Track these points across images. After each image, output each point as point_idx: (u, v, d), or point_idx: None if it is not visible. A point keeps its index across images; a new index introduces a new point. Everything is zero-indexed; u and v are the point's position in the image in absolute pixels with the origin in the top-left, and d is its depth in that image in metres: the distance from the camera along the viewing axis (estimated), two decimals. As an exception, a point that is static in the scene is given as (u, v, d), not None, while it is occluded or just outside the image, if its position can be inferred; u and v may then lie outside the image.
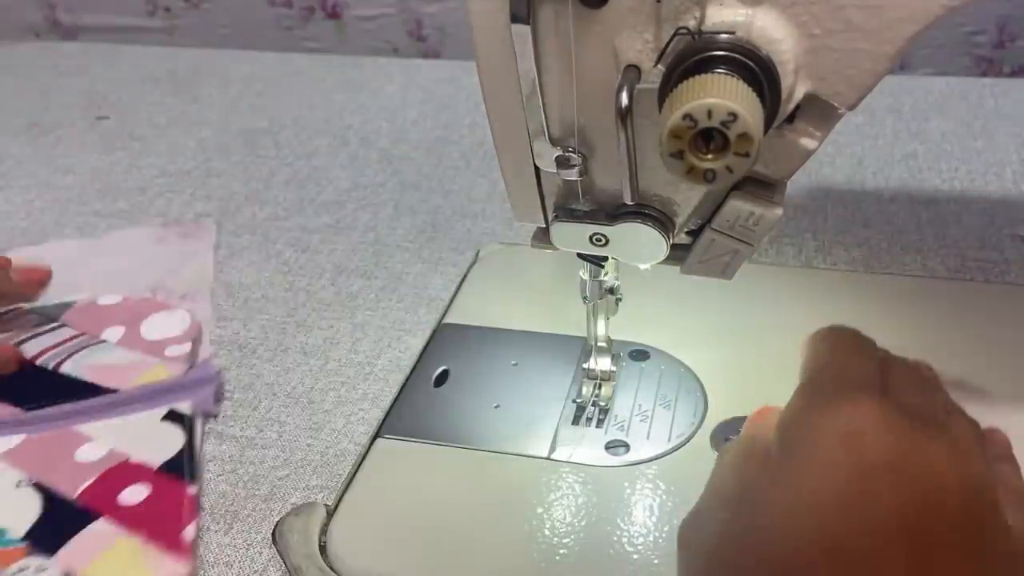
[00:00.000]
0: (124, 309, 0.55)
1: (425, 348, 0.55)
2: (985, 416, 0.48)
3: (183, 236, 0.64)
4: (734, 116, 0.29)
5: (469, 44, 0.35)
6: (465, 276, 0.61)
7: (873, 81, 0.32)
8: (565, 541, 0.42)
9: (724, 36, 0.31)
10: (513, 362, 0.53)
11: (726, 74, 0.30)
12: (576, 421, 0.49)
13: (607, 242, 0.41)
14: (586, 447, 0.47)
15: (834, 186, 0.70)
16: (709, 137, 0.30)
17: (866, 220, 0.65)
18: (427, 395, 0.52)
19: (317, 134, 0.83)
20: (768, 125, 0.32)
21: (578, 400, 0.50)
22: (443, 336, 0.56)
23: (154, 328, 0.53)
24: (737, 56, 0.31)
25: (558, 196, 0.40)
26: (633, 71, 0.33)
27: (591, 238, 0.41)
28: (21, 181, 0.77)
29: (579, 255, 0.43)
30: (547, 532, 0.43)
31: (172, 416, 0.47)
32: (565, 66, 0.35)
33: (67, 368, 0.51)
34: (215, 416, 0.49)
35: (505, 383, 0.52)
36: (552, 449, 0.47)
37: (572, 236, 0.41)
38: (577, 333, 0.53)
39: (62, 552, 0.41)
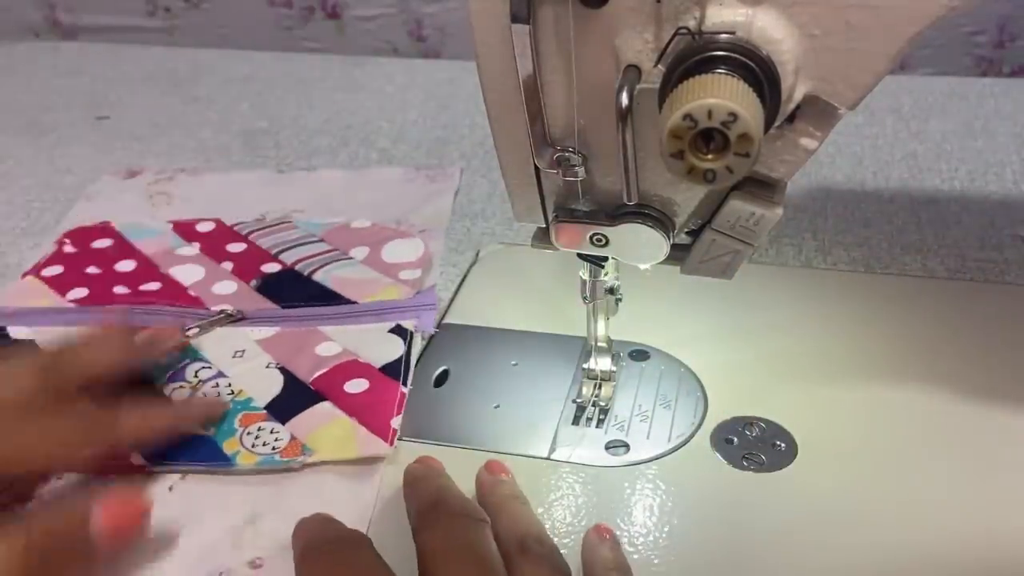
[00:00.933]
0: (371, 233, 0.65)
1: (425, 348, 0.55)
2: (986, 416, 0.48)
3: (430, 179, 0.73)
4: (734, 116, 0.29)
5: (469, 44, 0.35)
6: (465, 276, 0.61)
7: (873, 81, 0.32)
8: (565, 541, 0.42)
9: (724, 36, 0.31)
10: (513, 362, 0.53)
11: (726, 74, 0.30)
12: (576, 421, 0.49)
13: (607, 242, 0.41)
14: (586, 447, 0.47)
15: (834, 186, 0.70)
16: (709, 137, 0.30)
17: (866, 220, 0.65)
18: (427, 395, 0.52)
19: (317, 134, 0.83)
20: (768, 125, 0.32)
21: (578, 400, 0.50)
22: (443, 336, 0.56)
23: (393, 252, 0.62)
24: (737, 56, 0.31)
25: (558, 196, 0.40)
26: (633, 71, 0.33)
27: (591, 238, 0.41)
28: (21, 181, 0.77)
29: (579, 255, 0.43)
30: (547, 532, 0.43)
31: (396, 330, 0.55)
32: (565, 66, 0.35)
33: (319, 276, 0.61)
34: (432, 336, 0.56)
35: (505, 383, 0.52)
36: (552, 449, 0.47)
37: (572, 236, 0.41)
38: (577, 333, 0.53)
39: (292, 421, 0.49)
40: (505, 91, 0.36)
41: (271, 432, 0.48)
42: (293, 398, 0.51)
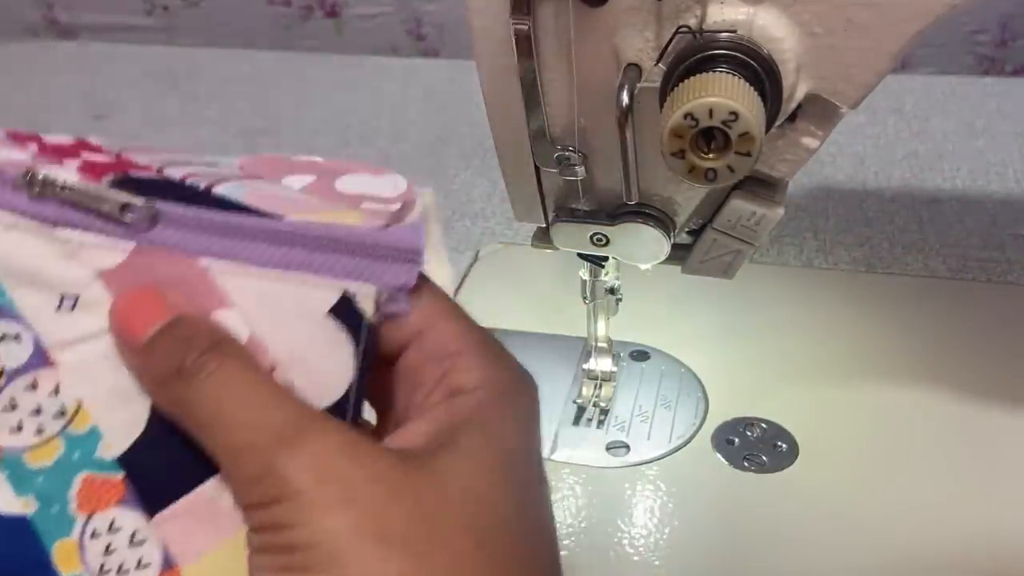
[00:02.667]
0: (318, 165, 0.36)
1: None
2: (987, 416, 0.47)
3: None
4: (735, 115, 0.29)
5: (469, 43, 0.35)
6: (465, 276, 0.61)
7: (875, 80, 0.32)
8: (566, 543, 0.42)
9: (725, 35, 0.31)
10: (513, 362, 0.53)
11: (727, 73, 0.30)
12: (576, 422, 0.49)
13: (608, 242, 0.40)
14: (586, 448, 0.47)
15: (835, 185, 0.69)
16: (710, 136, 0.30)
17: (867, 220, 0.65)
18: (427, 396, 0.51)
19: (317, 134, 0.82)
20: (769, 124, 0.32)
21: (578, 401, 0.50)
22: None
23: (354, 184, 0.33)
24: (738, 55, 0.31)
25: (558, 196, 0.40)
26: (634, 70, 0.33)
27: (592, 238, 0.40)
28: (19, 181, 0.77)
29: (579, 255, 0.43)
30: (547, 534, 0.43)
31: (341, 311, 0.27)
32: (565, 65, 0.34)
33: (221, 190, 0.29)
34: (402, 317, 0.28)
35: (505, 384, 0.52)
36: (552, 450, 0.47)
37: (573, 236, 0.41)
38: (577, 333, 0.53)
39: (166, 514, 0.26)
40: (505, 91, 0.36)
41: (131, 542, 0.25)
42: (168, 447, 0.26)
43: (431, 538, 0.23)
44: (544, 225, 0.42)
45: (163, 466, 0.26)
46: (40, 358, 0.26)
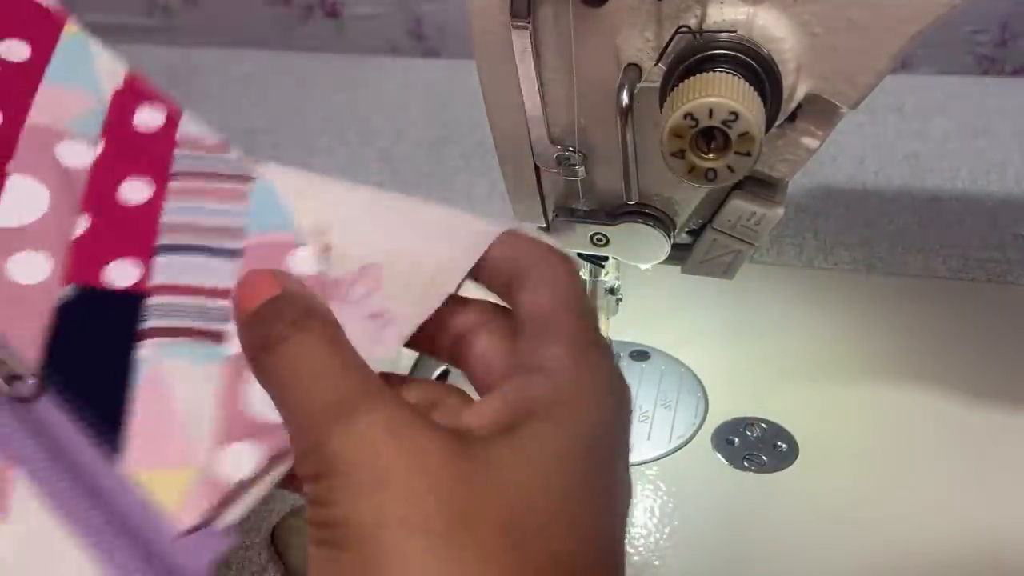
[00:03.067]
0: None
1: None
2: (988, 416, 0.47)
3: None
4: (735, 115, 0.29)
5: (469, 43, 0.35)
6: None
7: (875, 80, 0.32)
8: (565, 543, 0.42)
9: (725, 35, 0.31)
10: (513, 362, 0.53)
11: (727, 73, 0.30)
12: (576, 422, 0.49)
13: (608, 242, 0.40)
14: (586, 448, 0.47)
15: (835, 186, 0.69)
16: (710, 136, 0.30)
17: (867, 220, 0.65)
18: (427, 396, 0.51)
19: (317, 134, 0.82)
20: (769, 124, 0.32)
21: (578, 401, 0.50)
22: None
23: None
24: (738, 55, 0.31)
25: (558, 196, 0.40)
26: (634, 70, 0.33)
27: (592, 238, 0.40)
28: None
29: (579, 255, 0.43)
30: (547, 534, 0.43)
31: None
32: (565, 65, 0.34)
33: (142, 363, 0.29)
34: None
35: (505, 384, 0.52)
36: (552, 450, 0.47)
37: (573, 236, 0.41)
38: (577, 333, 0.53)
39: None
40: (505, 91, 0.36)
41: None
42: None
43: (463, 532, 0.22)
44: (544, 225, 0.42)
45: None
46: None
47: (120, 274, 0.31)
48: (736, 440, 0.47)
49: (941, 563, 0.41)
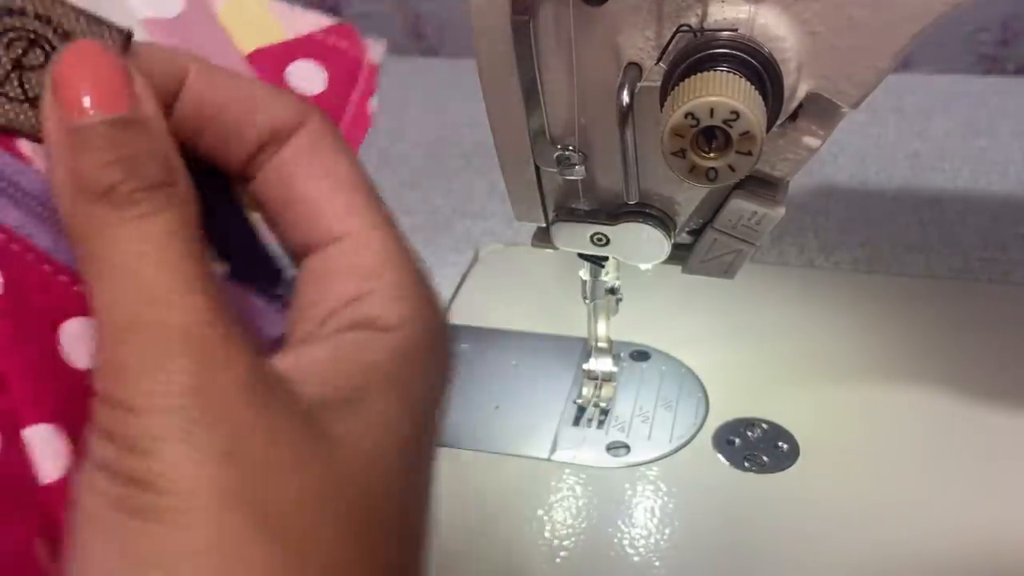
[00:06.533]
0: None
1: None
2: (989, 417, 0.47)
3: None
4: (736, 114, 0.29)
5: (469, 43, 0.35)
6: (465, 276, 0.61)
7: (876, 79, 0.32)
8: (566, 543, 0.42)
9: (726, 33, 0.31)
10: (513, 363, 0.53)
11: (728, 72, 0.30)
12: (577, 422, 0.49)
13: (608, 242, 0.40)
14: (587, 448, 0.47)
15: (837, 185, 0.69)
16: (711, 136, 0.30)
17: (869, 219, 0.65)
18: (427, 396, 0.51)
19: (317, 133, 0.82)
20: (770, 123, 0.32)
21: (579, 401, 0.50)
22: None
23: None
24: (739, 54, 0.30)
25: (559, 196, 0.40)
26: (634, 69, 0.33)
27: (592, 238, 0.40)
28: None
29: (580, 255, 0.43)
30: (547, 534, 0.43)
31: None
32: (566, 64, 0.34)
33: None
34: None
35: (505, 384, 0.52)
36: (552, 450, 0.47)
37: (573, 236, 0.40)
38: (577, 334, 0.53)
39: None
40: (505, 90, 0.36)
41: None
42: None
43: (311, 524, 0.19)
44: (544, 225, 0.41)
45: None
46: None
47: None
48: (737, 440, 0.47)
49: (941, 562, 0.41)
